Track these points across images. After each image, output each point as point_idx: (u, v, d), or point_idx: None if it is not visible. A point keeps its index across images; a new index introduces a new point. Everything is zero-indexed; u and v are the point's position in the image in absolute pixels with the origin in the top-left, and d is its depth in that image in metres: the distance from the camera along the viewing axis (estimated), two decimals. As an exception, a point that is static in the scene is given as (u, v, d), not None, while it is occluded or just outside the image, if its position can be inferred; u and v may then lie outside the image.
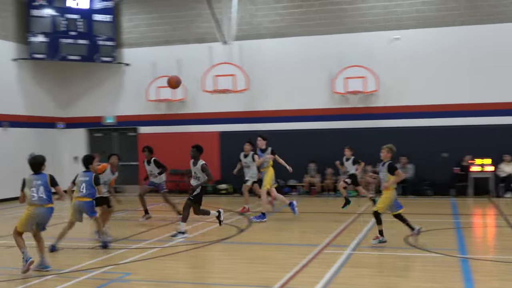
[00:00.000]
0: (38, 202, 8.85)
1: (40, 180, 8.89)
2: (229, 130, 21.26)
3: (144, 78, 21.86)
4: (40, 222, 9.00)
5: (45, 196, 8.87)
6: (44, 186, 8.88)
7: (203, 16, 21.51)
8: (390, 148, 10.50)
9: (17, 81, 21.05)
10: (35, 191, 8.82)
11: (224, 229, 12.71)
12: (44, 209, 8.90)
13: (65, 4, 21.44)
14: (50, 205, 8.97)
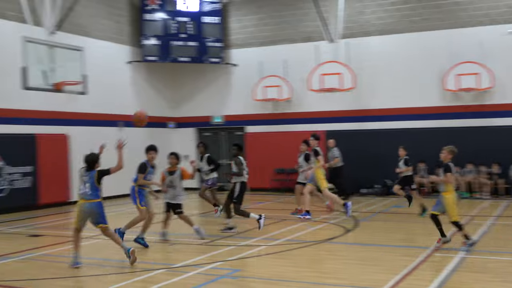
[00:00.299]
0: (83, 197, 9.23)
1: (89, 175, 9.28)
2: (335, 129, 21.05)
3: (251, 78, 22.14)
4: (92, 217, 9.27)
5: (90, 192, 9.21)
6: (91, 182, 9.24)
7: (310, 15, 21.46)
8: (452, 150, 10.16)
9: (131, 83, 22.02)
10: (83, 184, 9.26)
11: (330, 229, 12.61)
12: (88, 204, 9.22)
13: (175, 8, 22.17)
14: (96, 200, 9.27)
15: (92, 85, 17.48)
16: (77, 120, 19.08)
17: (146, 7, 21.89)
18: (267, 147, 21.83)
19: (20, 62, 14.46)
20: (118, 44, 21.39)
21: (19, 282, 8.35)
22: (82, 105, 18.38)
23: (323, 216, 14.52)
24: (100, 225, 9.32)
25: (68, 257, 10.15)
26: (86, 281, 8.52)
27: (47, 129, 17.97)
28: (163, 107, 23.63)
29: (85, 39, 19.42)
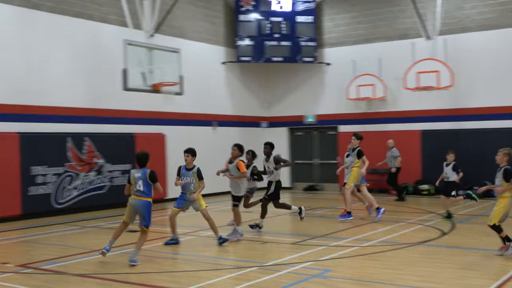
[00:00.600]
0: (136, 194, 9.46)
1: (141, 173, 9.48)
2: (431, 129, 20.49)
3: (344, 77, 21.97)
4: (139, 214, 9.49)
5: (143, 190, 9.43)
6: (143, 180, 9.42)
7: (406, 11, 20.99)
8: (508, 152, 9.55)
9: (225, 83, 22.44)
10: (137, 183, 9.45)
11: (425, 231, 12.30)
12: (140, 200, 9.44)
13: (270, 8, 22.36)
14: (147, 198, 9.47)
15: (188, 85, 18.00)
16: (173, 120, 19.70)
17: (241, 8, 22.23)
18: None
19: (122, 64, 15.11)
20: (213, 45, 21.87)
21: (119, 275, 8.73)
22: (178, 105, 18.96)
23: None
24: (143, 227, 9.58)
25: (164, 253, 10.53)
26: (181, 276, 8.78)
27: (145, 128, 18.69)
28: (256, 106, 23.91)
29: (182, 41, 20.01)
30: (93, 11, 17.45)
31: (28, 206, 15.24)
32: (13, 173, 14.97)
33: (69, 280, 8.47)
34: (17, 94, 15.38)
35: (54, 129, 16.17)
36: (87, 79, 17.15)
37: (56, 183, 15.94)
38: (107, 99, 17.64)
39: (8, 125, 15.07)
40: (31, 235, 12.80)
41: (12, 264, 9.52)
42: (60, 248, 11.06)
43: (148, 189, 9.54)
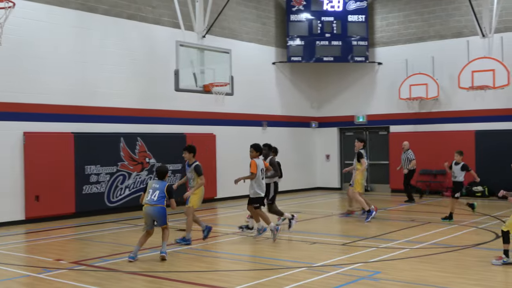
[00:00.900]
0: (149, 202, 9.77)
1: (159, 185, 9.84)
2: (486, 129, 19.97)
3: (396, 76, 21.68)
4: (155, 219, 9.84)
5: (156, 199, 9.75)
6: (160, 191, 9.76)
7: (461, 9, 20.55)
8: None
9: (275, 84, 22.46)
10: (151, 192, 9.80)
11: (479, 234, 12.01)
12: (153, 207, 9.75)
13: (321, 8, 22.25)
14: (160, 205, 9.78)
15: (238, 86, 18.05)
16: (223, 120, 19.84)
17: (292, 8, 22.20)
18: (412, 148, 21.15)
19: (174, 66, 15.30)
20: (264, 46, 21.91)
21: (168, 273, 8.85)
22: (228, 106, 19.05)
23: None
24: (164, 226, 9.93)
25: (213, 252, 10.61)
26: (230, 275, 8.83)
27: (196, 128, 18.88)
28: (306, 107, 23.83)
29: (233, 42, 20.13)
30: (147, 13, 17.76)
31: (82, 204, 15.62)
32: (68, 172, 15.38)
33: (121, 277, 8.64)
34: (72, 95, 15.79)
35: (107, 129, 16.53)
36: (140, 80, 17.46)
37: (109, 182, 16.29)
38: (159, 100, 17.92)
39: (63, 125, 15.49)
40: (84, 233, 13.12)
41: (66, 261, 9.78)
42: (113, 246, 11.29)
43: (161, 200, 9.84)
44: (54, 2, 15.42)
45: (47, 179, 14.85)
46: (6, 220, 14.14)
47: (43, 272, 8.97)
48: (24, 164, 14.53)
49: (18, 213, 14.42)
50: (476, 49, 19.49)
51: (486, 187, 19.52)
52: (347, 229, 13.39)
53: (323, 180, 23.69)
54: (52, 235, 12.82)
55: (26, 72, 14.77)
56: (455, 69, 19.78)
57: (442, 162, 15.28)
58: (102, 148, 16.13)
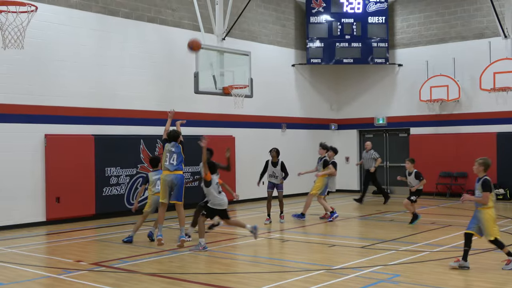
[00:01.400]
0: (169, 168, 9.83)
1: (175, 148, 10.02)
2: (508, 131, 19.73)
3: (417, 78, 21.54)
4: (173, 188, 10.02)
5: (176, 163, 9.90)
6: (177, 154, 9.91)
7: (483, 10, 20.35)
8: (484, 162, 9.08)
9: (295, 86, 22.43)
10: (168, 156, 9.92)
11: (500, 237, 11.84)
12: (174, 174, 9.86)
13: (341, 10, 22.18)
14: (180, 172, 9.98)
15: (257, 88, 18.08)
16: (243, 122, 19.85)
17: (312, 10, 22.17)
18: (433, 150, 21.05)
19: (193, 68, 15.36)
20: (283, 48, 21.90)
21: (187, 275, 8.88)
22: (247, 108, 19.06)
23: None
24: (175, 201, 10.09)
25: (231, 254, 10.62)
26: (248, 277, 8.83)
27: (215, 130, 18.92)
28: (325, 109, 23.77)
29: (252, 44, 20.15)
30: (167, 16, 17.85)
31: (102, 206, 15.74)
32: (88, 174, 15.51)
33: (140, 278, 8.68)
34: (93, 97, 15.92)
35: (127, 132, 16.65)
36: (160, 83, 17.56)
37: (128, 184, 16.40)
38: (179, 102, 17.96)
39: (84, 128, 15.64)
40: (104, 235, 13.22)
41: (85, 262, 9.86)
42: (132, 248, 11.35)
43: (181, 164, 10.02)
44: (75, 6, 15.58)
45: (68, 181, 14.99)
46: (28, 222, 14.31)
47: (63, 273, 9.05)
48: (45, 166, 14.69)
49: (39, 215, 14.59)
50: (498, 50, 19.30)
51: (508, 189, 19.29)
52: (366, 231, 13.32)
53: (343, 182, 23.55)
54: (72, 236, 12.94)
55: (48, 75, 14.94)
56: (477, 70, 19.61)
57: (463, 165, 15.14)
58: (122, 150, 16.24)
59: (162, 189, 10.19)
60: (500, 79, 18.79)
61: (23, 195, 14.28)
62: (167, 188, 10.18)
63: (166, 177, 10.01)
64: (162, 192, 10.24)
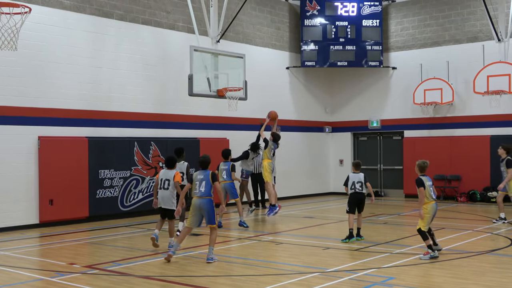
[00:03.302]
0: (198, 195, 9.99)
1: (204, 175, 10.07)
2: (502, 134, 19.78)
3: (411, 81, 21.59)
4: (204, 214, 10.03)
5: (204, 190, 9.98)
6: (206, 181, 9.99)
7: (477, 13, 20.43)
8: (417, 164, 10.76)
9: (289, 88, 22.43)
10: (198, 184, 10.01)
11: (494, 240, 11.89)
12: (202, 200, 9.97)
13: (335, 13, 22.21)
14: (208, 197, 10.02)
15: (252, 90, 18.08)
16: (237, 124, 19.83)
17: (306, 13, 22.19)
18: (426, 153, 21.04)
19: (188, 70, 15.35)
20: (278, 50, 21.91)
21: (181, 278, 8.86)
22: (242, 110, 19.04)
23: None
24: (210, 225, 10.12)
25: (226, 257, 10.61)
26: (243, 280, 8.81)
27: (209, 133, 18.90)
28: (320, 111, 23.78)
29: (247, 46, 20.16)
30: (161, 19, 17.83)
31: (95, 208, 15.68)
32: (82, 177, 15.45)
33: (134, 281, 8.65)
34: (87, 100, 15.87)
35: (121, 134, 16.60)
36: (154, 85, 17.53)
37: (122, 186, 16.35)
38: (173, 105, 17.97)
39: (78, 130, 15.58)
40: (97, 237, 13.16)
41: (79, 265, 9.82)
42: (126, 250, 11.32)
43: (209, 191, 10.04)
44: (69, 8, 15.53)
45: (61, 183, 14.94)
46: (20, 224, 14.24)
47: (56, 276, 9.01)
48: (39, 168, 14.63)
49: (32, 217, 14.52)
50: (492, 53, 19.37)
51: (503, 193, 19.31)
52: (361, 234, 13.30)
53: (337, 185, 23.57)
54: (65, 239, 12.89)
55: (41, 77, 14.89)
56: (470, 73, 19.67)
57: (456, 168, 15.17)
58: (115, 153, 16.20)
59: (192, 214, 10.19)
60: (494, 82, 18.85)
61: (16, 197, 14.22)
62: (199, 213, 10.16)
63: (196, 203, 10.09)
64: (191, 215, 10.20)
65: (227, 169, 14.27)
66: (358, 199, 12.13)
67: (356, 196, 12.12)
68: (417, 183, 10.34)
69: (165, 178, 11.09)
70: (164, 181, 11.07)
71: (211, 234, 10.12)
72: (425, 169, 10.62)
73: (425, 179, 10.35)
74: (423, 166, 10.61)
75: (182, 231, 10.45)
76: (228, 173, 14.26)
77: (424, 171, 10.59)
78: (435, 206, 10.35)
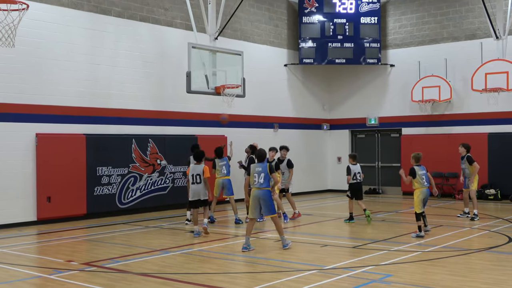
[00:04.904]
0: (257, 186, 10.56)
1: (262, 167, 10.63)
2: (499, 131, 19.82)
3: (409, 79, 21.60)
4: (262, 204, 10.61)
5: (263, 181, 10.56)
6: (264, 173, 10.57)
7: (475, 11, 20.43)
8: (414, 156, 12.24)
9: (287, 86, 22.42)
10: (256, 176, 10.56)
11: (491, 238, 11.90)
12: (260, 190, 10.55)
13: (334, 10, 22.20)
14: (266, 188, 10.62)
15: (250, 88, 18.09)
16: (234, 122, 19.79)
17: (304, 10, 22.17)
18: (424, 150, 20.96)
19: (186, 67, 15.33)
20: (276, 48, 21.90)
21: (179, 275, 8.85)
22: (240, 108, 19.06)
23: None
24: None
25: (224, 254, 10.61)
26: (241, 277, 8.81)
27: (207, 130, 18.89)
28: (318, 109, 23.78)
29: (245, 44, 20.14)
30: (159, 15, 17.80)
31: (93, 205, 15.67)
32: (80, 174, 15.44)
33: (131, 279, 8.64)
34: (84, 97, 15.86)
35: (119, 131, 16.59)
36: (152, 82, 17.51)
37: (120, 183, 16.33)
38: (171, 102, 17.96)
39: (76, 127, 15.56)
40: (95, 234, 13.16)
41: (76, 262, 9.81)
42: (123, 248, 11.32)
43: (267, 182, 10.68)
44: (67, 5, 15.50)
45: (59, 180, 14.92)
46: (18, 221, 14.23)
47: (54, 273, 9.00)
48: (36, 165, 14.61)
49: (30, 214, 14.50)
50: (490, 51, 19.36)
51: (499, 190, 19.38)
52: (358, 231, 13.33)
53: (335, 182, 23.60)
54: (63, 236, 12.88)
55: (39, 73, 14.86)
56: (468, 71, 19.68)
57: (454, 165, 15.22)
58: (113, 150, 16.18)
59: (252, 205, 10.78)
60: (492, 79, 18.85)
61: (13, 194, 14.20)
62: (257, 203, 10.71)
63: (255, 193, 10.70)
64: (251, 207, 10.81)
65: (225, 164, 14.59)
66: (359, 187, 14.44)
67: (357, 185, 14.36)
68: (410, 172, 12.03)
69: (196, 173, 12.32)
70: (196, 176, 12.31)
71: (275, 224, 10.76)
72: (420, 159, 12.22)
73: (418, 169, 12.01)
74: (418, 157, 12.22)
75: (248, 224, 10.95)
76: (227, 169, 14.58)
77: (419, 162, 12.20)
78: (425, 191, 11.96)
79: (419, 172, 12.00)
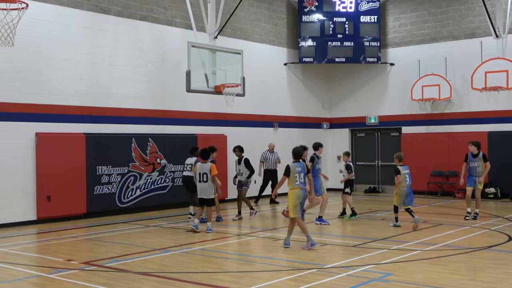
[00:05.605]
0: (300, 186, 10.63)
1: (301, 167, 10.78)
2: (499, 130, 19.81)
3: (409, 77, 21.59)
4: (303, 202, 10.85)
5: (303, 181, 10.74)
6: (304, 173, 10.74)
7: (475, 9, 20.42)
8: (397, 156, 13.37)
9: (287, 84, 22.41)
10: (298, 176, 10.61)
11: (491, 236, 11.90)
12: (304, 190, 10.71)
13: (333, 9, 22.18)
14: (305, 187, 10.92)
15: (250, 87, 18.10)
16: (234, 121, 19.82)
17: (304, 9, 22.15)
18: (424, 149, 21.11)
19: (185, 66, 15.33)
20: (276, 47, 21.88)
21: (179, 274, 8.85)
22: (239, 106, 19.06)
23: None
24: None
25: (224, 253, 10.61)
26: (241, 277, 8.81)
27: (207, 129, 18.88)
28: (317, 108, 23.77)
29: (244, 43, 20.12)
30: (159, 14, 17.78)
31: (93, 205, 15.67)
32: (79, 173, 15.43)
33: (131, 278, 8.64)
34: (84, 96, 15.84)
35: (119, 130, 16.57)
36: (151, 81, 17.50)
37: (120, 182, 16.33)
38: (170, 101, 17.94)
39: (75, 126, 15.55)
40: (95, 234, 13.16)
41: (76, 261, 9.80)
42: (123, 247, 11.31)
43: (305, 180, 10.93)
44: (66, 4, 15.49)
45: (59, 180, 14.91)
46: (18, 220, 14.22)
47: (54, 272, 9.00)
48: (36, 165, 14.60)
49: (29, 214, 14.50)
50: (490, 49, 19.35)
51: (499, 188, 19.37)
52: (358, 230, 13.33)
53: (334, 181, 23.56)
54: (63, 235, 12.88)
55: (38, 73, 14.85)
56: (468, 70, 19.67)
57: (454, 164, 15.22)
58: (113, 149, 16.17)
59: (295, 204, 10.74)
60: (492, 78, 18.84)
61: (13, 193, 14.19)
62: (301, 203, 10.82)
63: (299, 193, 10.73)
64: (296, 207, 10.75)
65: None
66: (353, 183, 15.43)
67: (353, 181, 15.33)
68: (395, 172, 12.98)
69: (203, 172, 12.65)
70: (203, 175, 12.64)
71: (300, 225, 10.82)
72: (402, 159, 13.30)
73: (402, 168, 13.01)
74: (401, 157, 13.32)
75: (290, 223, 10.91)
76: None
77: (402, 161, 13.25)
78: (406, 190, 13.04)
79: (403, 171, 12.99)
